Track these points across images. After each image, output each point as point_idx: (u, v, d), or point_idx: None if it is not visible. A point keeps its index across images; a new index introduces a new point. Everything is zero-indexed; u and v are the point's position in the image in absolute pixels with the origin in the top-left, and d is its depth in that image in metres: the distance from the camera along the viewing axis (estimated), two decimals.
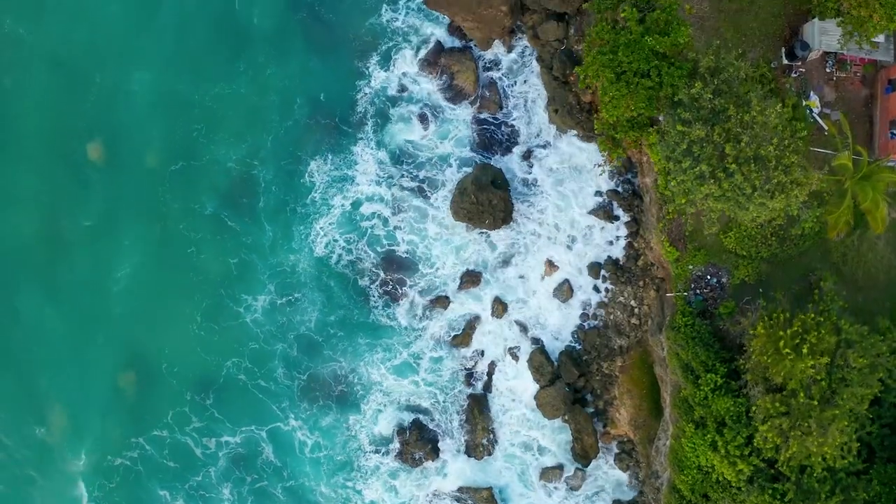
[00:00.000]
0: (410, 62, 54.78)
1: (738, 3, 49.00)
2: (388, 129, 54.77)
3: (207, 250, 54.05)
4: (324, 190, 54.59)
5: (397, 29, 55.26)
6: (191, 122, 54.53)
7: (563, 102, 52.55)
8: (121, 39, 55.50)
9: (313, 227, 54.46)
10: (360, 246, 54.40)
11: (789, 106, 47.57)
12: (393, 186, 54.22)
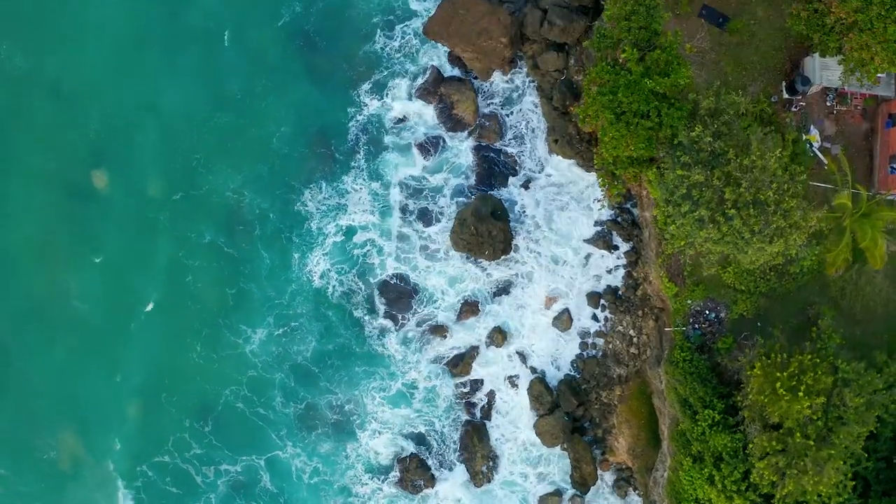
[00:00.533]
0: (409, 91, 54.66)
1: (739, 36, 48.98)
2: (386, 157, 54.78)
3: (206, 279, 54.24)
4: (319, 219, 54.77)
5: (395, 57, 55.24)
6: (190, 151, 54.72)
7: (563, 133, 52.55)
8: (121, 68, 55.33)
9: (309, 257, 54.66)
10: (355, 276, 54.51)
11: (789, 142, 47.69)
12: (389, 216, 54.21)
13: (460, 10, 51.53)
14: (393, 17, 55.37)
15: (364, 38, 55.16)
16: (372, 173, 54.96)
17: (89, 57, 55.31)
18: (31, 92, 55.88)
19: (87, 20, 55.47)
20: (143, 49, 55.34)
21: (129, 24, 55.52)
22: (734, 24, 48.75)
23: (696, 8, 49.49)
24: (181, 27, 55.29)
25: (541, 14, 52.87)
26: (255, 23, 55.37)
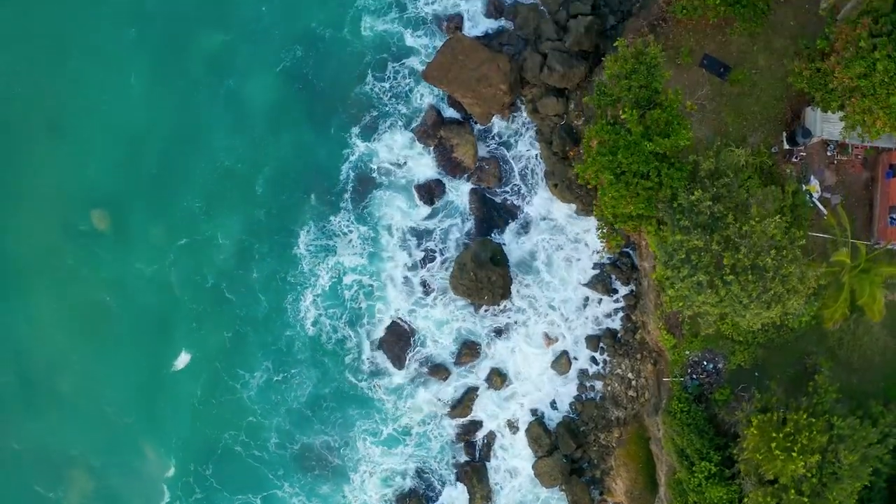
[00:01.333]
0: (408, 133, 54.40)
1: (740, 87, 48.66)
2: (385, 200, 54.69)
3: (208, 324, 54.44)
4: (313, 262, 54.86)
5: (393, 98, 54.77)
6: (192, 196, 54.70)
7: (563, 177, 52.40)
8: (120, 110, 55.08)
9: (302, 301, 54.73)
10: (350, 319, 54.61)
11: (789, 194, 47.76)
12: (387, 260, 54.30)
13: (460, 56, 51.19)
14: (390, 56, 54.93)
15: (362, 80, 54.91)
16: (371, 216, 54.88)
17: (89, 97, 54.84)
18: (28, 129, 55.48)
19: (89, 62, 55.13)
20: (142, 91, 54.95)
21: (130, 66, 55.11)
22: (735, 74, 48.50)
23: (697, 58, 49.30)
24: (183, 72, 55.05)
25: (541, 59, 52.56)
26: (256, 67, 55.19)
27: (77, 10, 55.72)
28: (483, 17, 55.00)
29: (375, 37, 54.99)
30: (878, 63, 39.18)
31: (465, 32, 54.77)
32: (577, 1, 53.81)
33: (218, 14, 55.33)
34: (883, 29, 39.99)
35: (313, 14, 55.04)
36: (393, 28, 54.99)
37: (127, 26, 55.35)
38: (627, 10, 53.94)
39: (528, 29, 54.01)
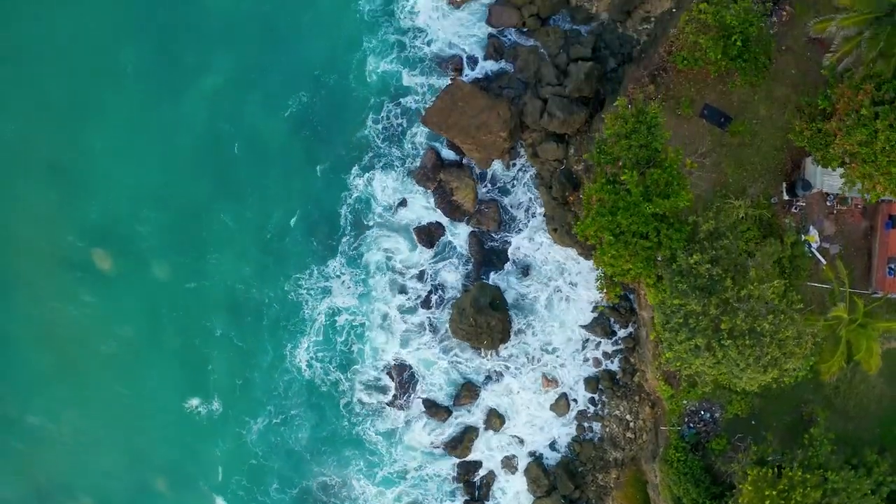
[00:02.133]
0: (408, 176, 54.26)
1: (740, 137, 48.52)
2: (385, 242, 54.65)
3: (220, 369, 54.84)
4: (313, 306, 54.76)
5: (394, 141, 54.47)
6: (201, 243, 54.77)
7: (562, 222, 52.37)
8: (125, 152, 54.98)
9: (301, 345, 54.88)
10: (347, 362, 54.77)
11: (788, 245, 47.95)
12: (387, 302, 54.38)
13: (459, 103, 50.91)
14: (391, 99, 54.60)
15: (364, 123, 54.59)
16: (371, 258, 54.86)
17: (92, 138, 54.74)
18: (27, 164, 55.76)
19: (90, 103, 54.88)
20: (149, 135, 54.81)
21: (132, 107, 54.95)
22: (735, 126, 48.31)
23: (698, 108, 49.08)
24: (189, 116, 54.88)
25: (541, 104, 52.27)
26: (262, 113, 54.85)
27: (77, 52, 55.44)
28: (483, 59, 54.49)
29: (378, 80, 54.79)
30: (879, 133, 39.18)
31: (465, 73, 54.56)
32: (577, 44, 53.54)
33: (226, 58, 55.28)
34: (885, 96, 39.86)
35: (318, 57, 54.79)
36: (395, 69, 54.62)
37: (128, 68, 55.05)
38: (628, 53, 53.61)
39: (529, 72, 53.72)
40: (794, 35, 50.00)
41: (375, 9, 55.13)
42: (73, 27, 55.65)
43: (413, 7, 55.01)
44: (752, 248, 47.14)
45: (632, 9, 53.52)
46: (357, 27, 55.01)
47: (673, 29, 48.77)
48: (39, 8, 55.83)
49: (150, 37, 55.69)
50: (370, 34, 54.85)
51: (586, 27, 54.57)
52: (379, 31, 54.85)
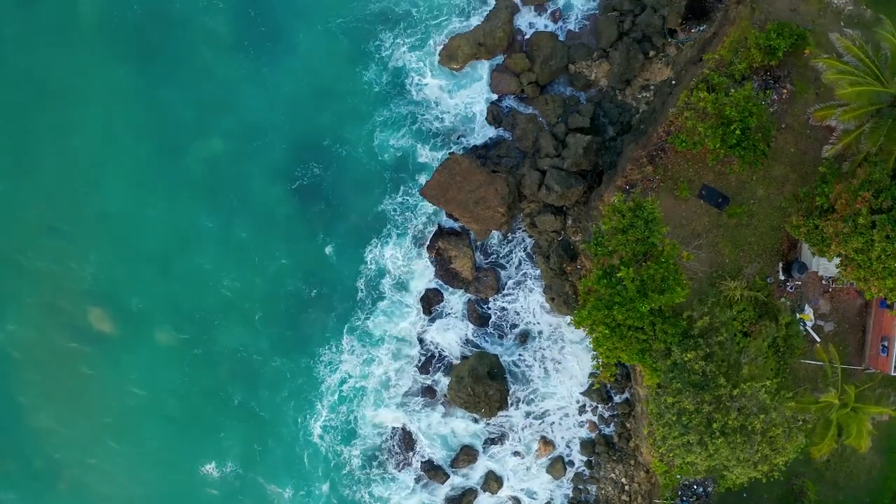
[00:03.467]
0: (409, 245, 54.46)
1: (738, 218, 48.64)
2: (386, 311, 54.98)
3: (233, 436, 55.32)
4: (324, 374, 55.18)
5: (400, 213, 54.65)
6: (212, 309, 55.08)
7: (560, 292, 52.67)
8: (133, 216, 55.26)
9: (314, 412, 55.29)
10: (353, 429, 55.29)
11: (783, 325, 48.40)
12: (388, 368, 54.86)
13: (458, 177, 50.92)
14: (403, 173, 54.66)
15: (373, 196, 54.81)
16: (374, 326, 55.10)
17: (98, 201, 54.93)
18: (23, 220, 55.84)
19: (92, 166, 55.08)
20: (155, 200, 54.99)
21: (142, 176, 55.18)
22: (733, 208, 48.41)
23: (696, 188, 49.03)
24: (200, 186, 55.08)
25: (539, 176, 52.29)
26: (270, 183, 54.97)
27: (79, 114, 55.35)
28: (482, 127, 54.56)
29: (384, 150, 54.77)
30: (875, 244, 39.37)
31: (464, 141, 54.68)
32: (576, 112, 53.39)
33: (232, 124, 55.38)
34: (883, 204, 39.97)
35: (327, 128, 54.85)
36: (402, 142, 54.68)
37: (138, 133, 55.19)
38: (627, 122, 53.36)
39: (527, 141, 53.64)
40: (794, 112, 49.88)
41: (381, 79, 54.94)
42: (75, 89, 55.45)
43: (419, 79, 54.79)
44: (747, 328, 48.21)
45: (631, 78, 53.34)
46: (365, 98, 55.06)
47: (672, 108, 48.68)
48: (41, 70, 55.38)
49: (155, 100, 55.63)
50: (378, 106, 54.92)
51: (585, 94, 54.49)
52: (387, 103, 54.88)
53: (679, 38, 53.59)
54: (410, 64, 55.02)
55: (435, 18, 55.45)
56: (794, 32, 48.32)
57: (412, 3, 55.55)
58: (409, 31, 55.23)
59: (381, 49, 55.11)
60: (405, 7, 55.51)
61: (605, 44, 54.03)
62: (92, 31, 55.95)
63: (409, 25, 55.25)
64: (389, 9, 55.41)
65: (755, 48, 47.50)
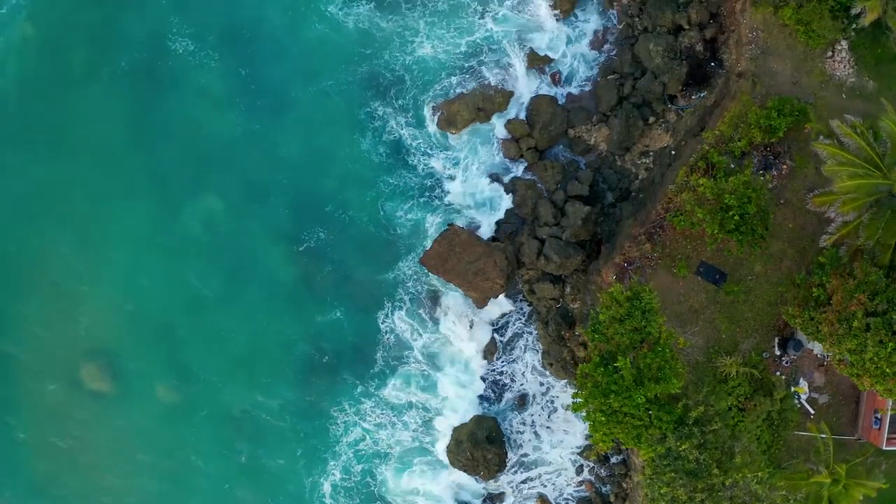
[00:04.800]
0: (414, 312, 54.78)
1: (735, 295, 48.91)
2: (387, 375, 55.20)
3: (240, 495, 55.83)
4: (334, 437, 55.38)
5: (403, 282, 54.73)
6: (217, 369, 55.23)
7: (559, 357, 53.13)
8: (137, 272, 55.41)
9: (327, 475, 55.56)
10: (365, 491, 55.93)
11: (777, 400, 48.95)
12: (392, 430, 55.33)
13: (457, 248, 51.09)
14: (404, 239, 54.63)
15: (378, 261, 54.79)
16: (383, 390, 55.31)
17: (101, 258, 55.09)
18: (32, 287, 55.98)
19: (94, 225, 55.09)
20: (161, 257, 55.10)
21: (147, 233, 55.20)
22: (730, 286, 48.65)
23: (694, 264, 49.14)
24: (203, 246, 55.10)
25: (538, 244, 52.36)
26: (276, 245, 54.99)
27: (79, 169, 55.32)
28: (480, 192, 54.19)
29: (387, 215, 54.68)
30: (868, 349, 39.73)
31: (463, 205, 54.67)
32: (575, 179, 53.29)
33: (236, 186, 55.19)
34: (878, 307, 40.27)
35: (330, 192, 54.78)
36: (403, 207, 54.67)
37: (137, 192, 55.06)
38: (626, 188, 53.32)
39: (526, 208, 53.70)
40: (793, 188, 49.91)
41: (378, 148, 54.79)
42: (71, 146, 55.16)
43: (416, 144, 54.63)
44: (742, 403, 48.81)
45: (630, 145, 53.13)
46: (363, 163, 54.95)
47: (671, 185, 48.71)
48: (35, 128, 55.16)
49: (152, 158, 55.32)
50: (377, 171, 54.82)
51: (585, 158, 54.41)
52: (384, 168, 54.80)
53: (679, 105, 53.46)
54: (406, 129, 54.77)
55: (426, 82, 54.82)
56: (795, 109, 48.19)
57: (403, 66, 54.76)
58: (401, 97, 54.83)
59: (375, 116, 54.84)
60: (395, 70, 54.82)
61: (605, 108, 53.91)
62: (83, 89, 55.29)
63: (399, 93, 54.85)
64: (379, 73, 54.80)
65: (756, 127, 47.45)
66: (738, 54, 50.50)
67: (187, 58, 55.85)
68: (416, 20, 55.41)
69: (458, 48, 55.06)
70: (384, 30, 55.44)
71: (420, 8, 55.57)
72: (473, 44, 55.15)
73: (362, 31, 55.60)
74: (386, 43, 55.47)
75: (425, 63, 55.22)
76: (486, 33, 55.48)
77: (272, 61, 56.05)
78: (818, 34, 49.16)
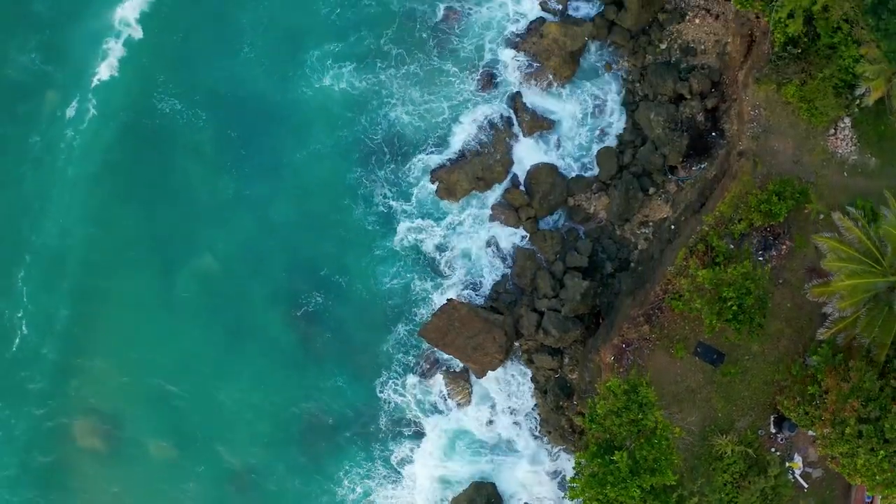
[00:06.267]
0: (415, 379, 55.28)
1: (731, 376, 49.17)
2: (389, 441, 55.80)
3: None
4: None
5: (402, 350, 55.37)
6: (217, 430, 55.82)
7: (556, 426, 53.64)
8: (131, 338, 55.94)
9: None
10: None
11: (772, 477, 49.49)
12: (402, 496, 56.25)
13: (456, 323, 51.26)
14: (404, 308, 55.08)
15: (378, 328, 55.23)
16: (386, 456, 55.94)
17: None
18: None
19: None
20: (160, 317, 55.69)
21: (143, 294, 55.87)
22: (728, 367, 48.82)
23: (691, 345, 49.25)
24: (200, 309, 55.62)
25: (537, 317, 52.51)
26: (272, 309, 55.45)
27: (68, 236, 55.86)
28: (478, 262, 54.55)
29: (384, 283, 55.09)
30: (860, 455, 40.06)
31: (463, 276, 55.01)
32: (574, 250, 53.32)
33: (230, 249, 55.73)
34: (871, 414, 40.48)
35: (327, 258, 55.15)
36: (400, 277, 55.05)
37: (129, 255, 55.62)
38: (625, 258, 53.34)
39: (525, 279, 53.81)
40: (792, 268, 49.80)
41: (370, 217, 55.03)
42: (57, 208, 55.64)
43: (411, 212, 54.93)
44: (737, 480, 49.41)
45: (630, 216, 53.03)
46: (359, 231, 55.14)
47: (670, 266, 48.72)
48: (23, 193, 55.71)
49: (143, 220, 55.70)
50: (374, 239, 55.09)
51: (584, 227, 54.40)
52: (382, 236, 55.11)
53: (679, 176, 53.24)
54: (398, 199, 54.93)
55: (424, 148, 54.98)
56: (795, 191, 47.98)
57: (398, 132, 54.85)
58: (396, 163, 54.95)
59: (368, 182, 54.96)
60: (390, 136, 54.91)
61: (605, 176, 53.77)
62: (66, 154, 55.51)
63: (394, 159, 55.02)
64: (368, 138, 54.85)
65: (756, 211, 47.29)
66: (739, 131, 50.14)
67: (175, 117, 55.78)
68: (409, 87, 55.21)
69: (458, 116, 54.76)
70: (378, 95, 55.44)
71: (417, 74, 55.30)
72: (473, 112, 54.75)
73: (354, 97, 55.69)
74: (378, 108, 55.61)
75: (423, 129, 55.20)
76: (486, 101, 55.18)
77: (263, 124, 55.89)
78: (821, 112, 48.74)
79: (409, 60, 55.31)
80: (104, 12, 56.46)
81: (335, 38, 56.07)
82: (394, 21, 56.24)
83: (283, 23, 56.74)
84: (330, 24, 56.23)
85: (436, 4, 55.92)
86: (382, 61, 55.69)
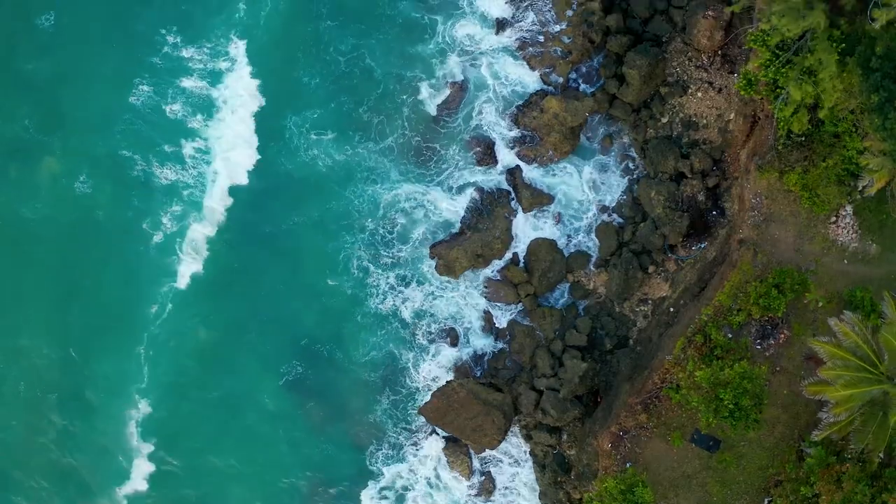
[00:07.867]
0: (409, 452, 55.70)
1: (727, 462, 49.55)
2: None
3: None
4: None
5: (397, 424, 55.59)
6: (209, 492, 56.54)
7: (555, 499, 54.22)
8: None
9: None
10: None
11: None
12: None
13: (455, 405, 51.53)
14: (398, 383, 55.21)
15: (369, 401, 55.46)
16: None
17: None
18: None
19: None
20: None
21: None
22: (723, 454, 49.15)
23: (687, 432, 49.58)
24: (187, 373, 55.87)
25: (535, 396, 52.65)
26: (261, 380, 55.60)
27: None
28: (479, 334, 54.87)
29: (378, 357, 55.17)
30: None
31: (461, 348, 55.11)
32: (573, 328, 53.29)
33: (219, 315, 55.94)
34: None
35: (312, 329, 55.28)
36: (395, 352, 55.17)
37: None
38: (624, 336, 53.36)
39: (524, 355, 53.87)
40: (790, 355, 49.80)
41: (375, 282, 55.18)
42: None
43: (407, 293, 55.06)
44: None
45: (629, 295, 52.92)
46: (349, 303, 55.13)
47: (669, 356, 48.78)
48: None
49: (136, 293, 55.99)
50: (367, 313, 55.04)
51: (583, 303, 54.35)
52: (376, 311, 55.06)
53: (679, 255, 52.96)
54: (394, 275, 54.94)
55: (423, 223, 54.79)
56: (795, 283, 47.84)
57: (392, 205, 54.65)
58: (393, 241, 54.94)
59: (362, 257, 54.99)
60: (385, 212, 54.71)
61: (605, 253, 53.49)
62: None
63: (390, 236, 55.03)
64: (358, 217, 54.66)
65: (755, 304, 47.21)
66: (740, 217, 49.76)
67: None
68: (406, 160, 54.86)
69: (456, 191, 54.51)
70: (373, 168, 55.02)
71: (415, 147, 54.92)
72: (471, 188, 54.53)
73: (345, 168, 55.16)
74: (372, 180, 55.19)
75: (421, 203, 54.89)
76: (485, 176, 54.82)
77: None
78: (823, 200, 48.29)
79: (410, 133, 54.71)
80: None
81: (318, 106, 55.13)
82: (391, 96, 55.35)
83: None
84: (313, 95, 55.46)
85: (439, 86, 55.17)
86: (377, 140, 54.93)
